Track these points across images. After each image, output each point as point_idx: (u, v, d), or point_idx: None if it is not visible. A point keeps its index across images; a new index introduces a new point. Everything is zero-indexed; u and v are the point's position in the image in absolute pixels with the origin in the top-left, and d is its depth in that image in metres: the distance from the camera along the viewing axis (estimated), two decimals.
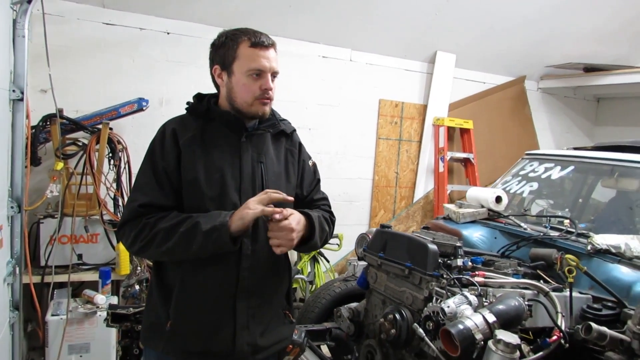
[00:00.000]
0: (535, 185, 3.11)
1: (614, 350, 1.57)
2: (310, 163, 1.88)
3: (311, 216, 1.66)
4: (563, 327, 1.74)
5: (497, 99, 5.58)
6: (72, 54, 3.58)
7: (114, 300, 3.17)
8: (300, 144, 1.86)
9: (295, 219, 1.58)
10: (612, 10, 4.95)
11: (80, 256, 3.27)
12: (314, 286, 4.17)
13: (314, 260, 4.26)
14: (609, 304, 1.95)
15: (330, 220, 1.86)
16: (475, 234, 2.82)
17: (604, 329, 1.58)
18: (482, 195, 3.04)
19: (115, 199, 3.43)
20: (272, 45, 1.65)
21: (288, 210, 1.57)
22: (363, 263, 2.43)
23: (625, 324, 1.59)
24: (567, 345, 1.70)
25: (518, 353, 1.50)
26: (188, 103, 1.74)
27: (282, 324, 1.78)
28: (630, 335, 1.46)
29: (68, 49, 3.56)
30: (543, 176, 3.10)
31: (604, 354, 1.59)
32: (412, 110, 5.08)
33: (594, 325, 1.58)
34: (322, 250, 4.20)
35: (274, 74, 1.65)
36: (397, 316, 1.96)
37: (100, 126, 3.29)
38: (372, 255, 2.27)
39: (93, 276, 3.23)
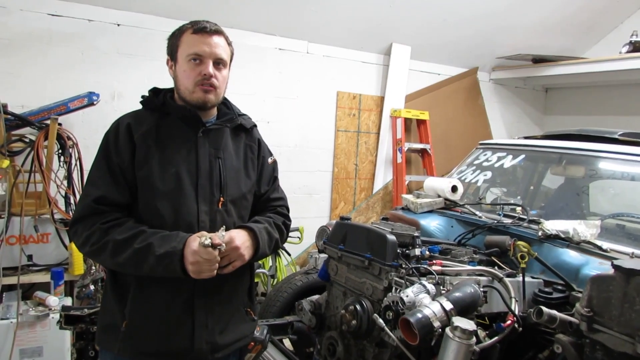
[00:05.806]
0: (489, 174, 3.18)
1: (564, 332, 1.64)
2: (269, 160, 1.85)
3: (254, 229, 1.63)
4: (516, 312, 1.80)
5: (452, 90, 5.69)
6: (15, 46, 3.42)
7: (68, 301, 3.07)
8: (260, 140, 1.83)
9: (239, 239, 1.56)
10: (558, 3, 5.13)
11: (30, 257, 3.14)
12: (275, 280, 4.16)
13: (275, 254, 4.25)
14: (559, 287, 2.03)
15: (284, 225, 1.83)
16: (433, 224, 2.85)
17: (554, 312, 1.64)
18: (438, 185, 3.09)
19: (66, 197, 3.30)
20: (217, 32, 1.61)
21: (226, 236, 1.52)
22: (324, 255, 2.43)
23: (574, 307, 1.65)
24: (521, 329, 1.77)
25: (474, 339, 1.54)
26: (143, 97, 1.68)
27: (242, 322, 1.75)
28: (578, 317, 1.52)
29: (11, 42, 3.40)
30: (496, 165, 3.17)
31: (555, 336, 1.65)
32: (369, 102, 5.12)
33: (544, 309, 1.64)
34: None
35: (218, 61, 1.61)
36: (358, 307, 1.97)
37: (48, 122, 3.16)
38: (333, 248, 2.27)
39: (44, 277, 3.11)
